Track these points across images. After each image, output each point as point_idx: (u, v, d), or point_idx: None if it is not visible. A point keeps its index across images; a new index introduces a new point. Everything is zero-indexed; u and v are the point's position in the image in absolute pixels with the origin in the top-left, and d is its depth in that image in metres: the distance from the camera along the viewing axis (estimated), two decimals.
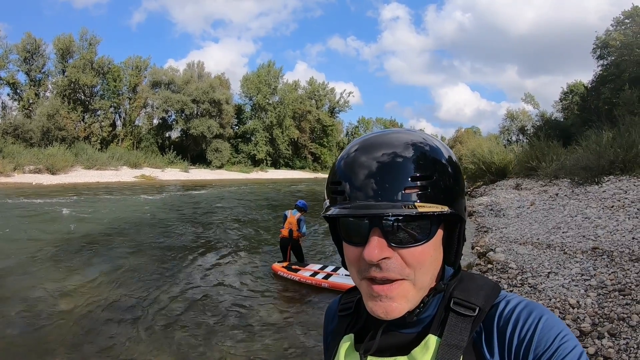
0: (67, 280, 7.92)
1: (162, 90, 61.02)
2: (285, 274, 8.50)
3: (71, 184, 31.16)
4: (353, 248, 0.78)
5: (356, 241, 0.77)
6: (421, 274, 0.76)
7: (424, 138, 0.79)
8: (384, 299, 0.75)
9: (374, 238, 0.73)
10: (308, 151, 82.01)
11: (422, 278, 0.76)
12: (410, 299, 0.76)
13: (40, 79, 51.78)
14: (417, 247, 0.74)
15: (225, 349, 5.41)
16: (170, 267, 9.11)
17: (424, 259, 0.75)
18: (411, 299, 0.77)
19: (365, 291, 0.78)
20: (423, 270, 0.76)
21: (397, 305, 0.75)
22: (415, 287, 0.76)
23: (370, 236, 0.73)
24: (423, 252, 0.75)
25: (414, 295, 0.77)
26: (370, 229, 0.74)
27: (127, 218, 15.85)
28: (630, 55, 19.86)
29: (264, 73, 73.25)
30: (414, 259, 0.74)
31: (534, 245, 7.87)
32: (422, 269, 0.75)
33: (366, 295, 0.78)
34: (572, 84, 34.73)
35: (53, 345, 5.28)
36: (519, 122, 46.30)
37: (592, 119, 19.10)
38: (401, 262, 0.74)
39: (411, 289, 0.76)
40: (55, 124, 46.40)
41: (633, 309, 4.36)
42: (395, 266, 0.73)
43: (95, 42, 53.82)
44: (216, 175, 55.12)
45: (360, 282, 0.78)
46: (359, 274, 0.78)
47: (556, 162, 15.47)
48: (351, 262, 0.80)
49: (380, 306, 0.75)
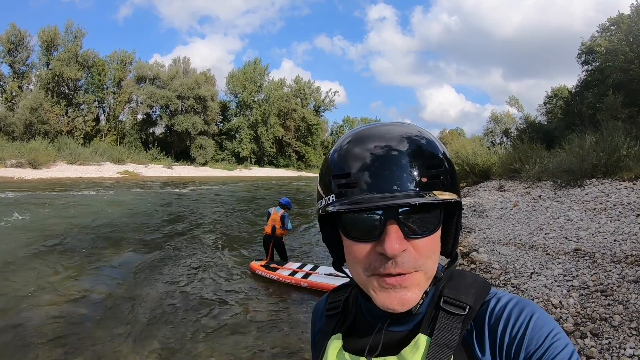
0: (47, 277, 7.78)
1: (147, 85, 60.87)
2: (263, 272, 8.42)
3: (53, 179, 30.73)
4: (361, 245, 0.75)
5: (366, 237, 0.74)
6: (432, 263, 0.75)
7: (421, 131, 0.79)
8: (398, 289, 0.73)
9: (392, 230, 0.70)
10: (292, 149, 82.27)
11: (432, 267, 0.76)
12: (422, 287, 0.76)
13: (24, 72, 51.29)
14: (430, 237, 0.74)
15: (206, 348, 5.36)
16: (151, 265, 8.99)
17: (435, 248, 0.76)
18: (423, 287, 0.76)
19: (374, 286, 0.75)
20: (433, 259, 0.76)
21: (411, 295, 0.74)
22: (425, 276, 0.75)
23: (388, 229, 0.71)
24: (433, 241, 0.75)
25: (425, 284, 0.76)
26: (385, 222, 0.71)
27: (108, 215, 15.66)
28: (614, 61, 20.10)
29: (250, 70, 73.40)
30: (427, 249, 0.74)
31: (516, 246, 7.91)
32: (432, 258, 0.75)
33: (376, 289, 0.75)
34: (556, 88, 35.06)
35: (34, 344, 5.17)
36: (503, 125, 46.64)
37: (576, 123, 19.33)
38: (415, 254, 0.72)
39: (422, 278, 0.75)
40: (39, 118, 46.02)
41: (615, 309, 4.39)
42: (410, 259, 0.72)
43: (80, 35, 53.42)
44: (200, 172, 55.06)
45: (367, 279, 0.75)
46: (366, 272, 0.75)
47: (539, 164, 15.57)
48: (358, 260, 0.76)
49: (394, 297, 0.73)
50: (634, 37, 18.78)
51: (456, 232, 0.81)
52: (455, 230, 0.81)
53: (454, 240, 0.81)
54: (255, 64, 75.25)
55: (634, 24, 19.00)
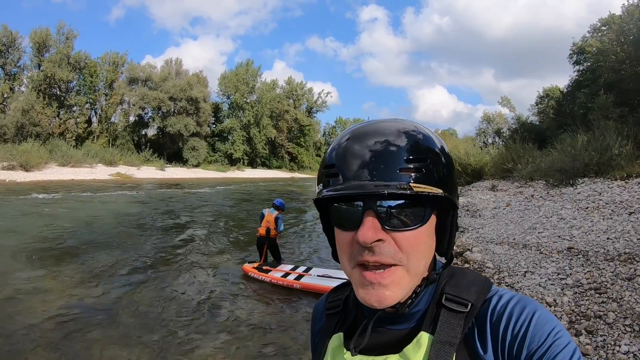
0: (40, 281, 7.74)
1: (139, 86, 60.64)
2: (256, 274, 8.41)
3: (45, 181, 30.51)
4: (345, 233, 0.75)
5: (349, 226, 0.74)
6: (415, 260, 0.74)
7: (416, 126, 0.78)
8: (377, 286, 0.72)
9: (368, 219, 0.71)
10: (285, 151, 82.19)
11: (416, 264, 0.74)
12: (404, 287, 0.74)
13: (15, 73, 51.12)
14: (412, 232, 0.72)
15: (199, 351, 5.35)
16: (143, 268, 8.95)
17: (418, 244, 0.74)
18: (405, 286, 0.75)
19: (357, 280, 0.75)
20: (417, 256, 0.74)
21: (390, 294, 0.73)
22: (409, 274, 0.74)
23: (365, 218, 0.71)
24: (417, 237, 0.73)
25: (407, 283, 0.75)
26: (364, 212, 0.72)
27: (101, 218, 15.56)
28: (606, 61, 20.19)
29: (242, 71, 73.35)
30: (408, 243, 0.72)
31: (510, 245, 7.94)
32: (416, 255, 0.74)
33: (358, 284, 0.75)
34: (547, 88, 35.14)
35: (27, 347, 5.13)
36: (495, 125, 46.79)
37: (568, 123, 19.33)
38: (395, 246, 0.72)
39: (405, 276, 0.74)
40: (30, 120, 45.78)
41: (609, 306, 4.41)
42: (389, 250, 0.71)
43: (72, 37, 53.28)
44: (193, 174, 54.85)
45: (351, 271, 0.76)
46: (350, 261, 0.75)
47: (531, 164, 15.64)
48: (343, 248, 0.77)
49: (372, 294, 0.73)
50: (625, 37, 18.89)
51: (451, 232, 0.81)
52: (450, 230, 0.80)
53: (449, 241, 0.81)
54: (248, 65, 75.21)
55: (625, 24, 19.11)
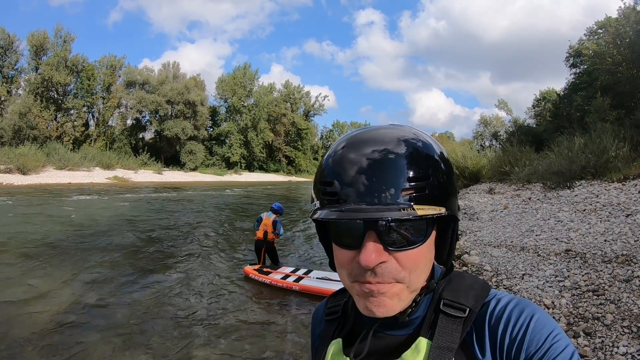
0: (36, 283, 7.72)
1: (137, 90, 60.62)
2: (256, 276, 8.44)
3: (42, 185, 30.49)
4: (344, 251, 0.74)
5: (348, 244, 0.73)
6: (415, 276, 0.73)
7: (415, 134, 0.76)
8: (377, 295, 0.72)
9: (370, 243, 0.69)
10: (282, 154, 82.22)
11: (416, 280, 0.74)
12: (403, 299, 0.74)
13: (12, 76, 50.89)
14: (414, 250, 0.71)
15: (200, 353, 5.34)
16: (143, 271, 8.94)
17: (419, 261, 0.73)
18: (404, 299, 0.74)
19: (357, 291, 0.74)
20: (417, 272, 0.73)
21: (391, 303, 0.72)
22: (408, 289, 0.74)
23: (366, 240, 0.69)
24: (419, 254, 0.72)
25: (407, 296, 0.74)
26: (365, 233, 0.70)
27: (98, 221, 15.55)
28: (602, 64, 20.26)
29: (240, 75, 73.37)
30: (410, 261, 0.71)
31: (507, 247, 7.95)
32: (416, 271, 0.73)
33: (358, 294, 0.74)
34: (544, 91, 35.22)
35: (24, 352, 5.11)
36: (492, 128, 46.90)
37: (564, 126, 19.44)
38: (396, 265, 0.71)
39: (404, 291, 0.73)
40: (27, 123, 45.59)
41: (607, 308, 4.42)
42: (390, 270, 0.70)
43: (69, 40, 53.16)
44: (190, 178, 54.88)
45: (351, 285, 0.75)
46: (349, 277, 0.74)
47: (529, 167, 15.67)
48: (342, 265, 0.76)
49: (373, 303, 0.72)
50: (622, 39, 18.96)
51: (451, 243, 0.80)
52: (451, 241, 0.79)
53: (449, 252, 0.80)
54: (245, 69, 75.24)
55: (622, 27, 19.18)
